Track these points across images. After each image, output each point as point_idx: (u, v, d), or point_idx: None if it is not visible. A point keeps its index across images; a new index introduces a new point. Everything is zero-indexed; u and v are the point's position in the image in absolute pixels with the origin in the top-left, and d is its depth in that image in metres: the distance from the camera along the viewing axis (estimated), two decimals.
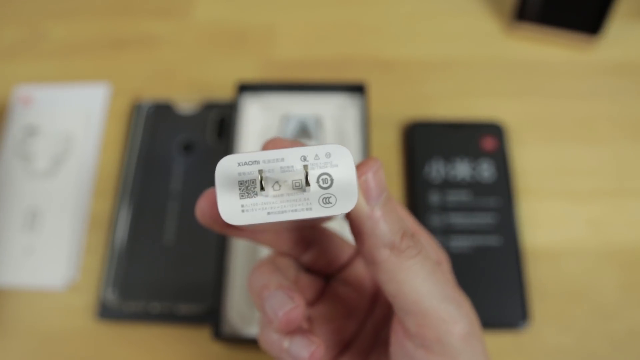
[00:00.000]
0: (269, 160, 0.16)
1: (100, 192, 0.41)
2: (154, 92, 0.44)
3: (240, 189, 0.16)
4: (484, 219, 0.37)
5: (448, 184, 0.38)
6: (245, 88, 0.40)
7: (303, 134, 0.40)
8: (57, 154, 0.42)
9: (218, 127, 0.42)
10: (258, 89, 0.41)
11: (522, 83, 0.43)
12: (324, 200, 0.16)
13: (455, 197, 0.38)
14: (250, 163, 0.16)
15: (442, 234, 0.37)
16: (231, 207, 0.16)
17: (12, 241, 0.39)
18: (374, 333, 0.24)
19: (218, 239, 0.36)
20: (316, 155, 0.16)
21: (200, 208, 0.20)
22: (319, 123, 0.40)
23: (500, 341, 0.35)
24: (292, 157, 0.16)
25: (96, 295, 0.37)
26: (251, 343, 0.34)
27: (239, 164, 0.16)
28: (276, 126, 0.40)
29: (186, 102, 0.43)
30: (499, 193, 0.38)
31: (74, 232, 0.39)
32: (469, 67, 0.44)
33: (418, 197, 0.38)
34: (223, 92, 0.43)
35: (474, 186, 0.38)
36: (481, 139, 0.40)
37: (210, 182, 0.17)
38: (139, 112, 0.42)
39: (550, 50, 0.45)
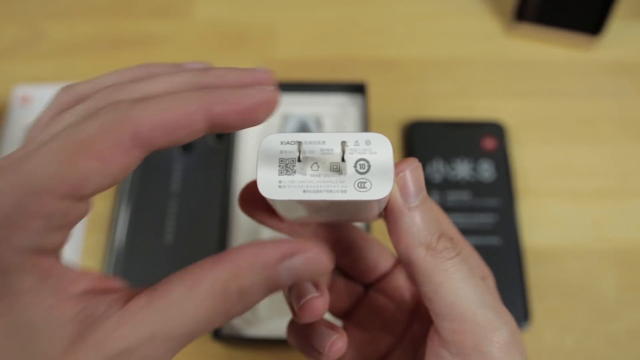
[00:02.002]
0: (311, 141, 0.17)
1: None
2: None
3: (280, 166, 0.16)
4: (484, 219, 0.37)
5: (448, 184, 0.38)
6: None
7: None
8: None
9: None
10: None
11: (522, 83, 0.43)
12: (359, 185, 0.16)
13: (456, 197, 0.38)
14: (292, 143, 0.17)
15: None
16: (269, 181, 0.16)
17: None
18: (411, 350, 0.23)
19: (218, 239, 0.36)
20: (356, 141, 0.17)
21: (242, 197, 0.21)
22: (319, 123, 0.40)
23: None
24: (332, 141, 0.17)
25: None
26: (251, 343, 0.34)
27: (281, 143, 0.17)
28: (276, 126, 0.40)
29: None
30: (499, 193, 0.38)
31: (73, 232, 0.39)
32: (469, 67, 0.44)
33: None
34: None
35: (474, 186, 0.38)
36: (481, 139, 0.40)
37: (210, 182, 0.17)
38: None
39: (550, 50, 0.45)
